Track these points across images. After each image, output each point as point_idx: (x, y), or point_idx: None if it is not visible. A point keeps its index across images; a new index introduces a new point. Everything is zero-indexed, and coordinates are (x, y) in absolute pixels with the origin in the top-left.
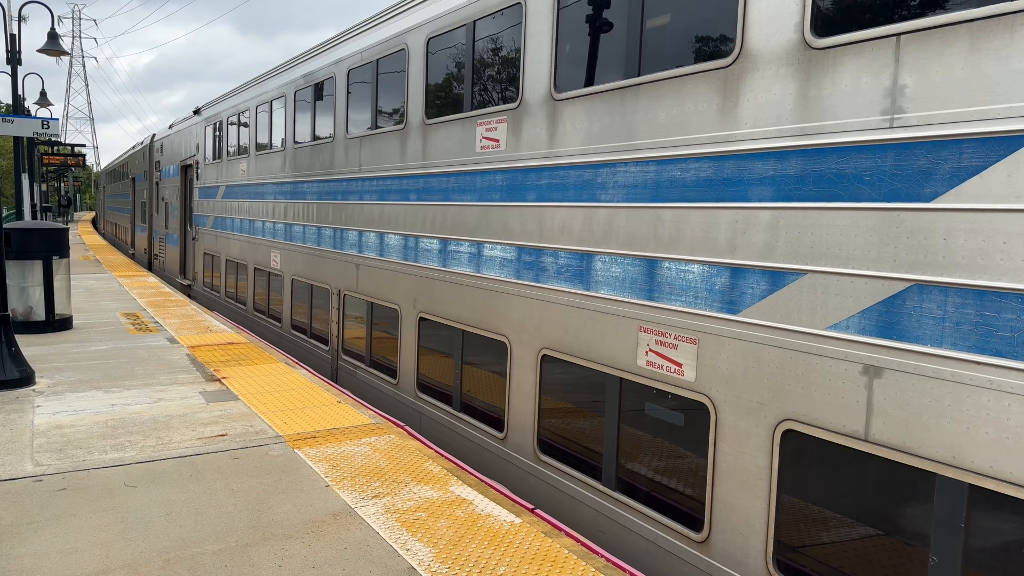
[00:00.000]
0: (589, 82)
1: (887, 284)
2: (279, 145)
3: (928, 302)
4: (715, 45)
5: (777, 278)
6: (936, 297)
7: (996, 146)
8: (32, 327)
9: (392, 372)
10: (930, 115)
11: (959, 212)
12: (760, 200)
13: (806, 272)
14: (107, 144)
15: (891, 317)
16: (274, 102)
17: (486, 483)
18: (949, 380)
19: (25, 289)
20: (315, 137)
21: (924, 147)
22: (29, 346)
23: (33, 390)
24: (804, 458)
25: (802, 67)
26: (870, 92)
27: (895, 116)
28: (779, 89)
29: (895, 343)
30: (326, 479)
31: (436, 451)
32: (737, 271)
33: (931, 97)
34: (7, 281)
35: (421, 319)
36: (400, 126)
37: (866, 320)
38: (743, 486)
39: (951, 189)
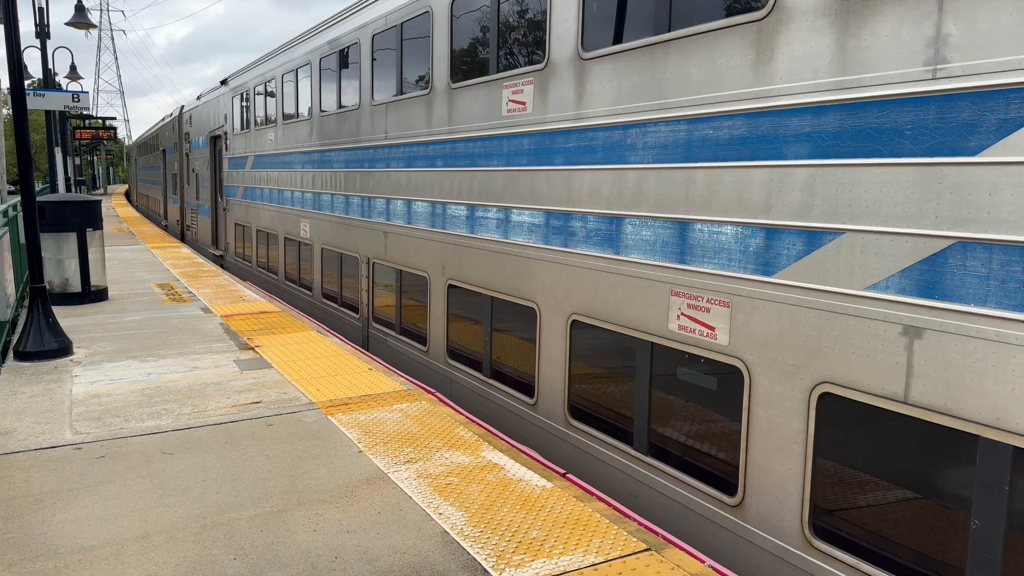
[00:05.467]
0: (617, 40)
1: (928, 242)
2: (306, 114)
3: (972, 260)
4: None
5: (814, 238)
6: (980, 255)
7: None
8: (68, 298)
9: (422, 339)
10: (976, 64)
11: (1006, 166)
12: (796, 158)
13: (844, 231)
14: (143, 117)
15: (933, 276)
16: (300, 70)
17: (517, 448)
18: (994, 340)
19: (61, 261)
20: (341, 105)
21: (969, 98)
22: (66, 317)
23: (71, 360)
24: (841, 421)
25: (840, 18)
26: (912, 42)
27: (938, 66)
28: (816, 41)
29: (937, 303)
30: (359, 445)
31: (467, 417)
32: (772, 231)
33: (977, 45)
34: (43, 254)
35: (450, 286)
36: (425, 91)
37: (906, 280)
38: (778, 450)
39: (997, 142)
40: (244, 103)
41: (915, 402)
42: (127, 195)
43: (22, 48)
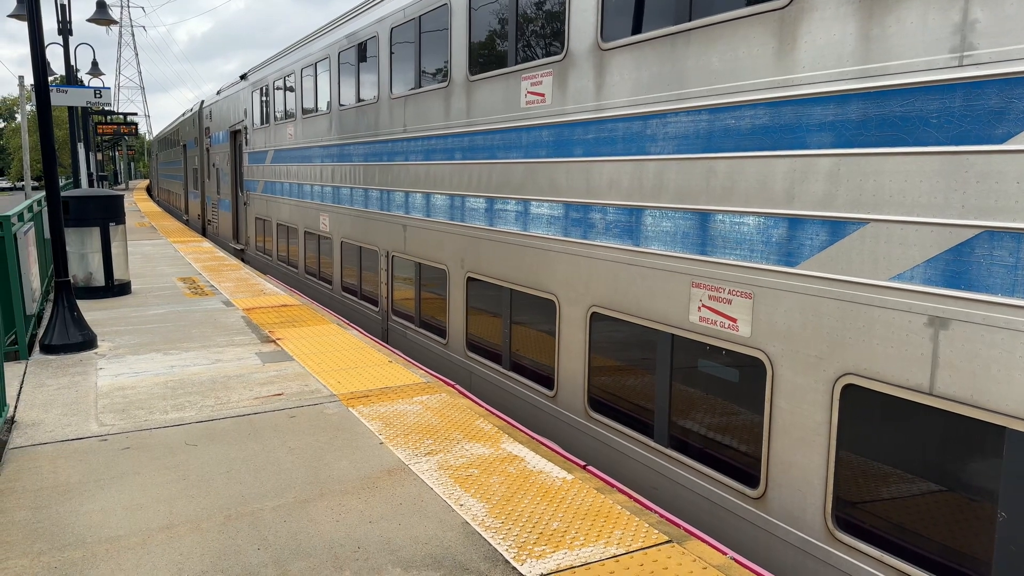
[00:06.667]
0: (637, 30)
1: (955, 232)
2: (325, 108)
3: (999, 249)
4: None
5: (837, 228)
6: (1008, 244)
7: None
8: (92, 292)
9: (441, 332)
10: (1004, 51)
11: None
12: (819, 147)
13: (868, 221)
14: (164, 112)
15: (959, 266)
16: (318, 64)
17: (537, 440)
18: (1021, 330)
19: (84, 256)
20: (360, 98)
21: (996, 85)
22: (90, 311)
23: (95, 353)
24: (865, 413)
25: (864, 5)
26: (938, 29)
27: (965, 53)
28: (839, 30)
29: (963, 293)
30: (380, 436)
31: (487, 409)
32: (795, 222)
33: (1005, 32)
34: (67, 248)
35: (469, 279)
36: (444, 84)
37: (932, 270)
38: (801, 442)
39: None
40: (263, 98)
41: (941, 393)
42: (148, 190)
43: (45, 45)
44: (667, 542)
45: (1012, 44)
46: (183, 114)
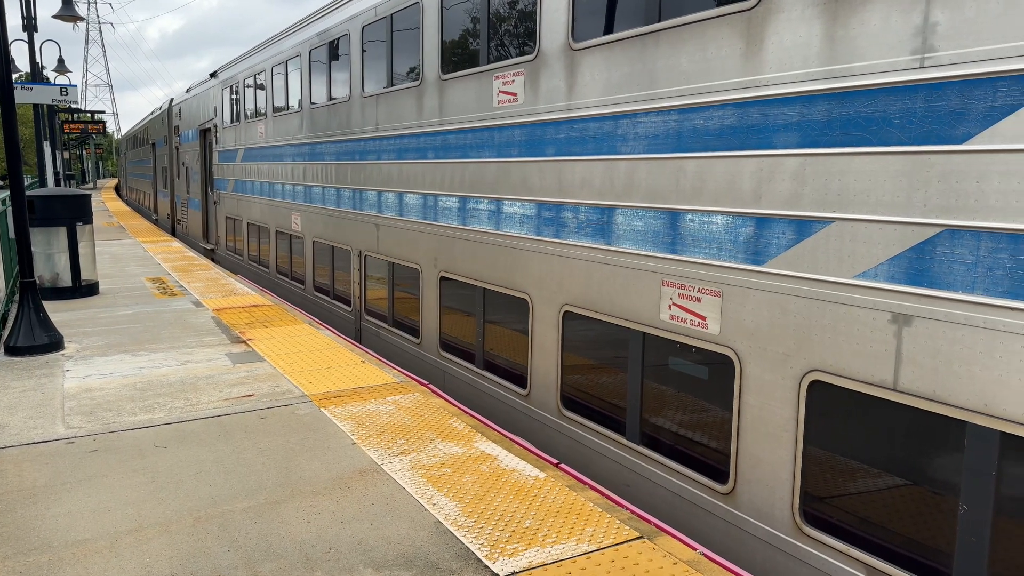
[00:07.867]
0: (608, 30)
1: (917, 230)
2: (296, 106)
3: (960, 247)
4: None
5: (803, 227)
6: (968, 242)
7: None
8: (59, 293)
9: (415, 331)
10: (963, 53)
11: (993, 153)
12: (786, 147)
13: (833, 220)
14: (134, 111)
15: (921, 264)
16: (289, 62)
17: (510, 439)
18: (981, 327)
19: (51, 256)
20: (331, 97)
21: (956, 87)
22: (57, 312)
23: (62, 355)
24: (831, 409)
25: (829, 7)
26: (900, 31)
27: (926, 55)
28: (805, 31)
29: (925, 290)
30: (352, 437)
31: (460, 408)
32: (762, 221)
33: (964, 34)
34: (33, 248)
35: (442, 278)
36: (416, 83)
37: (895, 267)
38: (769, 438)
39: (985, 130)
40: (234, 96)
41: (904, 389)
42: (117, 189)
43: (9, 41)
44: (638, 538)
45: (972, 46)
46: (152, 112)
